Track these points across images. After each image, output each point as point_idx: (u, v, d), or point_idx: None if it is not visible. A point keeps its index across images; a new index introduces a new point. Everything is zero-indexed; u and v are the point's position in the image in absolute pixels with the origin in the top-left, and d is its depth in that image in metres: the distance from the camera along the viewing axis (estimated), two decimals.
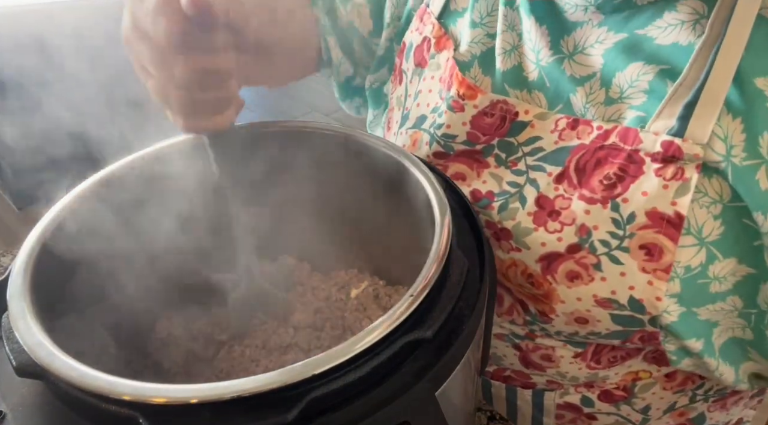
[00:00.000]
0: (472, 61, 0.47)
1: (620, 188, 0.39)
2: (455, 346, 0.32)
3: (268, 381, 0.27)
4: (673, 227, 0.38)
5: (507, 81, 0.46)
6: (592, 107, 0.41)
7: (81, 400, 0.29)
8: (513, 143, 0.45)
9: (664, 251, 0.39)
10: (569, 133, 0.42)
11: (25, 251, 0.36)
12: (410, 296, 0.31)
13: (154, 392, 0.27)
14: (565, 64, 0.43)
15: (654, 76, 0.39)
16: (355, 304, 0.49)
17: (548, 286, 0.43)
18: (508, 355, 0.53)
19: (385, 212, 0.47)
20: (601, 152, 0.40)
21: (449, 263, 0.34)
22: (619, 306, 0.41)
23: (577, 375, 0.50)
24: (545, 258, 0.43)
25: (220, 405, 0.27)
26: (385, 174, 0.44)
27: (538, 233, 0.43)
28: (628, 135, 0.39)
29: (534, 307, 0.45)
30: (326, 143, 0.46)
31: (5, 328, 0.32)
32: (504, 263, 0.46)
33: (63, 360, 0.29)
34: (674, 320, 0.40)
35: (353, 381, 0.29)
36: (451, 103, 0.46)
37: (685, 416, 0.53)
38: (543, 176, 0.43)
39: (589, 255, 0.41)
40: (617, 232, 0.40)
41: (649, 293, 0.40)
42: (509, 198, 0.45)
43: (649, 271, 0.39)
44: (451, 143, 0.47)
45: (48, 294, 0.35)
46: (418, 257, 0.35)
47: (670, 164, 0.37)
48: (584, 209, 0.41)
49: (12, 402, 0.31)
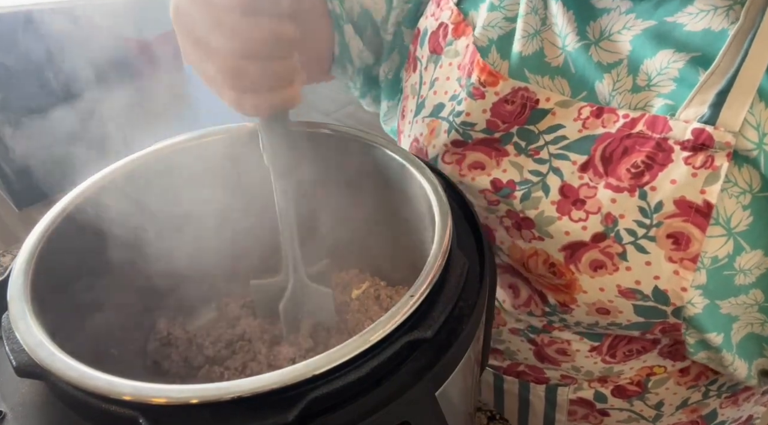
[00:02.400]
0: (489, 46, 0.47)
1: (648, 177, 0.39)
2: (455, 346, 0.32)
3: (268, 381, 0.27)
4: (702, 216, 0.38)
5: (527, 66, 0.45)
6: (619, 94, 0.41)
7: (81, 400, 0.29)
8: (533, 131, 0.45)
9: (692, 241, 0.38)
10: (594, 121, 0.42)
11: (25, 251, 0.36)
12: (410, 296, 0.31)
13: (155, 392, 0.27)
14: (592, 51, 0.42)
15: (684, 64, 0.38)
16: (356, 305, 0.49)
17: (571, 276, 0.43)
18: (522, 350, 0.53)
19: (386, 213, 0.47)
20: (628, 140, 0.40)
21: (449, 264, 0.34)
22: (643, 297, 0.41)
23: (592, 369, 0.50)
24: (569, 247, 0.42)
25: (221, 406, 0.27)
26: (385, 174, 0.44)
27: (561, 222, 0.42)
28: (657, 123, 0.39)
29: (554, 298, 0.45)
30: (326, 143, 0.46)
31: (5, 328, 0.32)
32: (525, 252, 0.45)
33: (63, 360, 0.29)
34: (698, 312, 0.40)
35: (353, 382, 0.29)
36: (472, 91, 0.46)
37: (697, 412, 0.53)
38: (567, 165, 0.43)
39: (614, 244, 0.41)
40: (644, 221, 0.39)
41: (675, 283, 0.39)
42: (532, 187, 0.44)
43: (676, 260, 0.39)
44: (469, 131, 0.47)
45: (48, 294, 0.35)
46: (418, 258, 0.35)
47: (699, 153, 0.37)
48: (611, 197, 0.40)
49: (12, 402, 0.31)
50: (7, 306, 0.33)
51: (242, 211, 0.48)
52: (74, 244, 0.39)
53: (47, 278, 0.36)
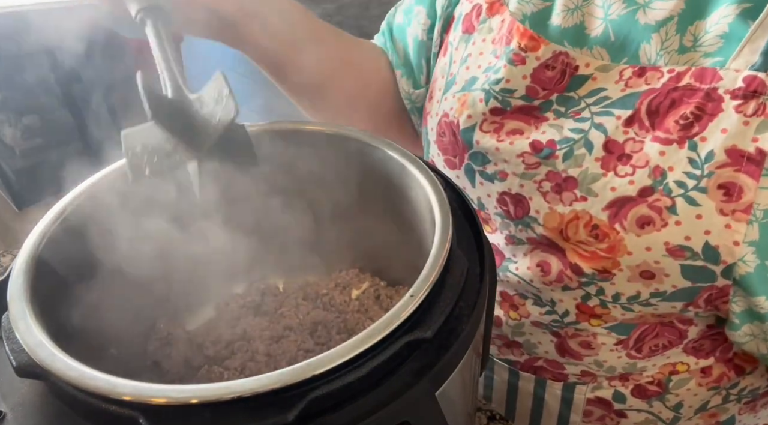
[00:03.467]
0: (523, 21, 0.46)
1: (698, 128, 0.38)
2: (455, 346, 0.32)
3: (268, 381, 0.27)
4: (754, 165, 0.37)
5: (567, 38, 0.44)
6: (667, 54, 0.40)
7: (81, 400, 0.29)
8: (573, 97, 0.44)
9: (744, 190, 0.37)
10: (636, 80, 0.41)
11: (25, 251, 0.36)
12: (410, 296, 0.31)
13: (155, 392, 0.27)
14: (639, 14, 0.41)
15: (735, 17, 0.38)
16: (356, 305, 0.49)
17: (615, 235, 0.42)
18: (543, 342, 0.52)
19: (386, 212, 0.47)
20: (674, 93, 0.39)
21: (449, 263, 0.34)
22: (693, 255, 0.40)
23: (615, 364, 0.50)
24: (614, 204, 0.42)
25: (221, 406, 0.27)
26: (385, 174, 0.44)
27: (607, 178, 0.42)
28: (705, 74, 0.38)
29: (591, 267, 0.44)
30: (326, 143, 0.46)
31: (5, 328, 0.32)
32: (564, 217, 0.44)
33: (63, 360, 0.29)
34: (750, 271, 0.39)
35: (353, 382, 0.29)
36: (512, 57, 0.45)
37: (716, 418, 0.52)
38: (611, 120, 0.42)
39: (663, 197, 0.40)
40: (694, 172, 0.39)
41: (726, 238, 0.38)
42: (574, 145, 0.43)
43: (728, 213, 0.38)
44: (508, 97, 0.46)
45: (48, 294, 0.35)
46: (419, 257, 0.35)
47: (751, 100, 0.37)
48: (659, 150, 0.40)
49: (12, 402, 0.31)
50: (7, 306, 0.33)
51: (242, 212, 0.49)
52: (74, 244, 0.39)
53: (47, 278, 0.36)
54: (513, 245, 0.50)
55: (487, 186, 0.49)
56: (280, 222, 0.50)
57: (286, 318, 0.48)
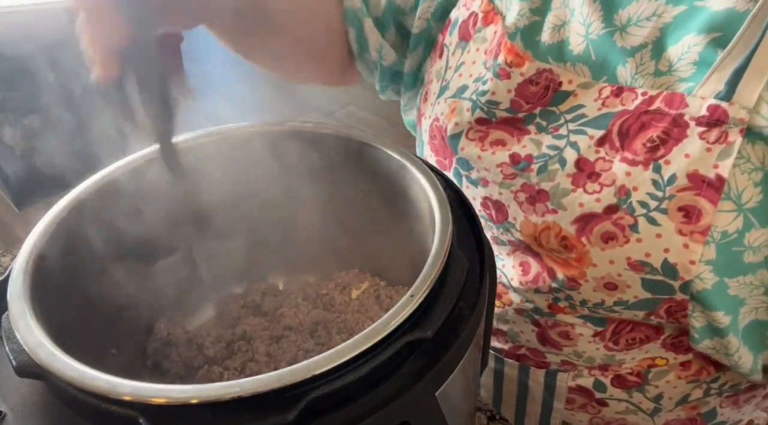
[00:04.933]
0: (515, 34, 0.47)
1: (663, 151, 0.40)
2: (455, 346, 0.32)
3: (268, 381, 0.27)
4: (713, 190, 0.38)
5: (552, 54, 0.46)
6: (641, 77, 0.42)
7: (81, 400, 0.29)
8: (555, 112, 0.46)
9: (703, 214, 0.39)
10: (613, 100, 0.43)
11: (25, 251, 0.36)
12: (410, 296, 0.31)
13: (155, 392, 0.27)
14: (617, 36, 0.43)
15: (705, 46, 0.39)
16: (356, 305, 0.49)
17: (582, 248, 0.43)
18: (525, 331, 0.53)
19: (386, 212, 0.47)
20: (645, 116, 0.41)
21: (449, 263, 0.34)
22: (652, 270, 0.41)
23: (594, 355, 0.51)
24: (581, 219, 0.43)
25: (221, 406, 0.27)
26: (385, 174, 0.44)
27: (576, 194, 0.43)
28: (674, 100, 0.39)
29: (563, 273, 0.46)
30: (326, 143, 0.46)
31: (5, 328, 0.32)
32: (537, 227, 0.46)
33: (63, 360, 0.29)
34: (707, 288, 0.40)
35: (353, 382, 0.29)
36: (498, 71, 0.46)
37: (697, 410, 0.53)
38: (584, 139, 0.44)
39: (626, 216, 0.41)
40: (657, 193, 0.40)
41: (684, 256, 0.40)
42: (548, 160, 0.45)
43: (686, 233, 0.40)
44: (494, 109, 0.48)
45: (48, 294, 0.35)
46: (418, 257, 0.35)
47: (714, 128, 0.38)
48: (625, 170, 0.41)
49: (12, 402, 0.31)
50: (7, 306, 0.33)
51: (242, 211, 0.49)
52: (74, 244, 0.39)
53: (47, 278, 0.36)
54: (497, 245, 0.52)
55: (472, 190, 0.51)
56: (279, 222, 0.50)
57: (286, 318, 0.48)
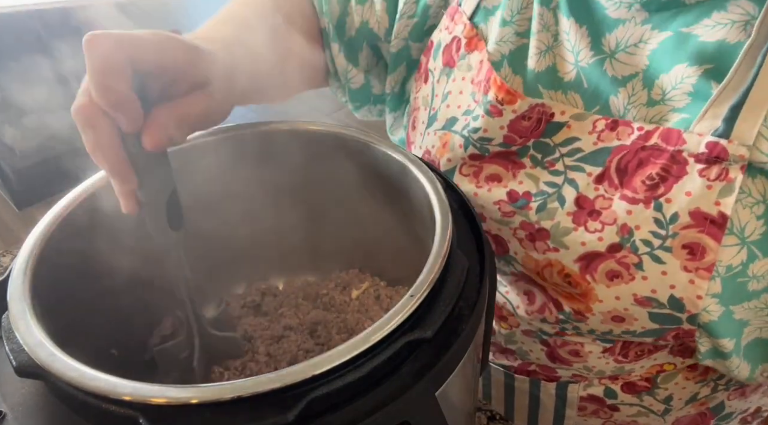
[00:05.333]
0: (501, 61, 0.47)
1: (663, 188, 0.39)
2: (455, 346, 0.32)
3: (268, 381, 0.27)
4: (717, 227, 0.38)
5: (541, 82, 0.45)
6: (634, 108, 0.41)
7: (81, 400, 0.29)
8: (549, 144, 0.45)
9: (707, 251, 0.39)
10: (608, 134, 0.42)
11: (25, 251, 0.36)
12: (410, 296, 0.31)
13: (154, 392, 0.27)
14: (607, 65, 0.42)
15: (698, 78, 0.38)
16: (356, 305, 0.49)
17: (586, 285, 0.43)
18: (534, 350, 0.53)
19: (386, 212, 0.47)
20: (643, 152, 0.40)
21: (449, 263, 0.34)
22: (659, 305, 0.41)
23: (604, 369, 0.51)
24: (584, 258, 0.43)
25: (220, 406, 0.27)
26: (385, 174, 0.44)
27: (577, 233, 0.43)
28: (671, 136, 0.39)
29: (569, 306, 0.45)
30: (326, 143, 0.46)
31: (5, 328, 0.32)
32: (539, 263, 0.46)
33: (63, 360, 0.29)
34: (714, 319, 0.40)
35: (353, 382, 0.29)
36: (489, 109, 0.46)
37: (706, 405, 0.53)
38: (582, 177, 0.43)
39: (630, 254, 0.41)
40: (660, 232, 0.40)
41: (690, 292, 0.40)
42: (547, 198, 0.45)
43: (691, 270, 0.39)
44: (487, 145, 0.47)
45: (48, 294, 0.35)
46: (418, 257, 0.35)
47: (714, 165, 0.37)
48: (626, 209, 0.41)
49: (12, 402, 0.31)
50: (7, 306, 0.33)
51: (243, 212, 0.49)
52: (74, 244, 0.39)
53: (47, 278, 0.36)
54: (500, 274, 0.52)
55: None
56: (280, 222, 0.50)
57: (286, 318, 0.48)
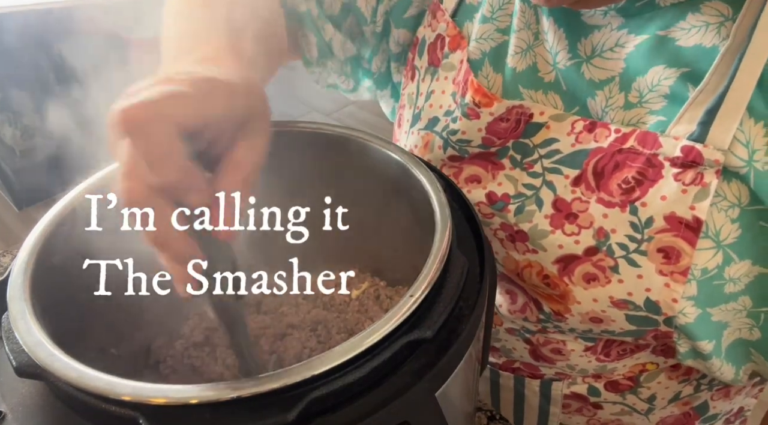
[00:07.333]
0: (482, 60, 0.47)
1: (639, 192, 0.39)
2: (455, 346, 0.32)
3: (268, 381, 0.27)
4: (692, 231, 0.38)
5: (521, 82, 0.45)
6: (612, 111, 0.41)
7: (81, 400, 0.29)
8: (528, 145, 0.45)
9: (682, 255, 0.39)
10: (586, 136, 0.42)
11: (25, 251, 0.36)
12: (410, 296, 0.31)
13: (154, 392, 0.27)
14: (584, 68, 0.42)
15: (675, 81, 0.38)
16: (356, 305, 0.49)
17: (564, 287, 0.43)
18: (518, 348, 0.54)
19: (386, 213, 0.47)
20: (619, 155, 0.40)
21: (449, 263, 0.34)
22: (635, 307, 0.41)
23: (586, 367, 0.51)
24: (562, 260, 0.43)
25: (220, 406, 0.27)
26: (385, 174, 0.44)
27: (555, 235, 0.43)
28: (647, 139, 0.39)
29: (549, 306, 0.46)
30: (326, 143, 0.46)
31: (5, 328, 0.32)
32: (519, 264, 0.46)
33: (63, 360, 0.29)
34: (690, 321, 0.41)
35: (353, 382, 0.29)
36: (467, 111, 0.46)
37: (689, 405, 0.54)
38: (560, 179, 0.43)
39: (606, 258, 0.41)
40: (635, 235, 0.40)
41: (666, 295, 0.40)
42: (525, 200, 0.45)
43: (667, 274, 0.40)
44: (466, 147, 0.47)
45: (48, 294, 0.35)
46: (418, 257, 0.35)
47: (689, 169, 0.37)
48: (602, 212, 0.41)
49: (12, 402, 0.31)
50: (7, 306, 0.33)
51: None
52: (74, 244, 0.39)
53: (47, 278, 0.36)
54: None
55: None
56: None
57: (288, 316, 0.48)
